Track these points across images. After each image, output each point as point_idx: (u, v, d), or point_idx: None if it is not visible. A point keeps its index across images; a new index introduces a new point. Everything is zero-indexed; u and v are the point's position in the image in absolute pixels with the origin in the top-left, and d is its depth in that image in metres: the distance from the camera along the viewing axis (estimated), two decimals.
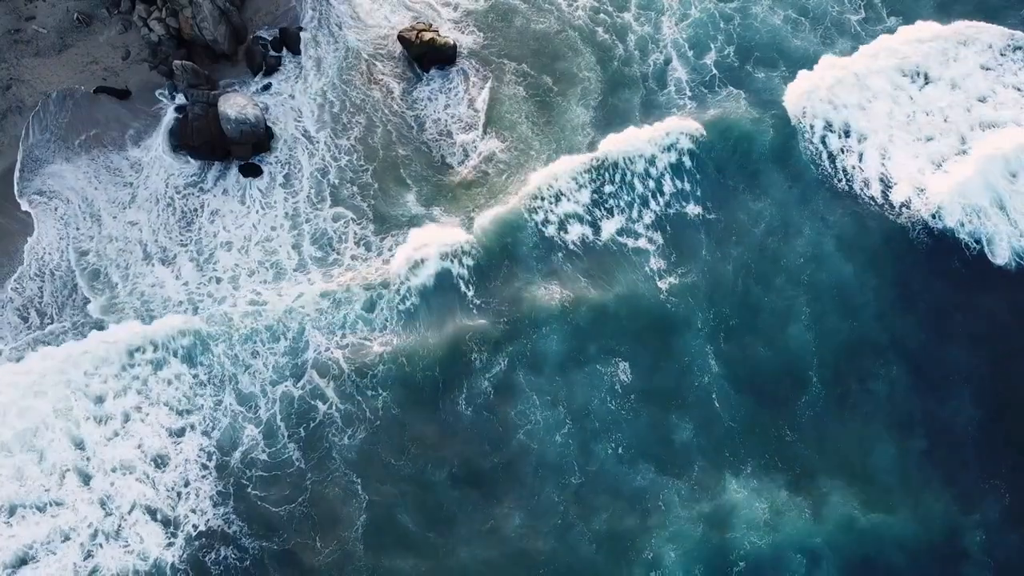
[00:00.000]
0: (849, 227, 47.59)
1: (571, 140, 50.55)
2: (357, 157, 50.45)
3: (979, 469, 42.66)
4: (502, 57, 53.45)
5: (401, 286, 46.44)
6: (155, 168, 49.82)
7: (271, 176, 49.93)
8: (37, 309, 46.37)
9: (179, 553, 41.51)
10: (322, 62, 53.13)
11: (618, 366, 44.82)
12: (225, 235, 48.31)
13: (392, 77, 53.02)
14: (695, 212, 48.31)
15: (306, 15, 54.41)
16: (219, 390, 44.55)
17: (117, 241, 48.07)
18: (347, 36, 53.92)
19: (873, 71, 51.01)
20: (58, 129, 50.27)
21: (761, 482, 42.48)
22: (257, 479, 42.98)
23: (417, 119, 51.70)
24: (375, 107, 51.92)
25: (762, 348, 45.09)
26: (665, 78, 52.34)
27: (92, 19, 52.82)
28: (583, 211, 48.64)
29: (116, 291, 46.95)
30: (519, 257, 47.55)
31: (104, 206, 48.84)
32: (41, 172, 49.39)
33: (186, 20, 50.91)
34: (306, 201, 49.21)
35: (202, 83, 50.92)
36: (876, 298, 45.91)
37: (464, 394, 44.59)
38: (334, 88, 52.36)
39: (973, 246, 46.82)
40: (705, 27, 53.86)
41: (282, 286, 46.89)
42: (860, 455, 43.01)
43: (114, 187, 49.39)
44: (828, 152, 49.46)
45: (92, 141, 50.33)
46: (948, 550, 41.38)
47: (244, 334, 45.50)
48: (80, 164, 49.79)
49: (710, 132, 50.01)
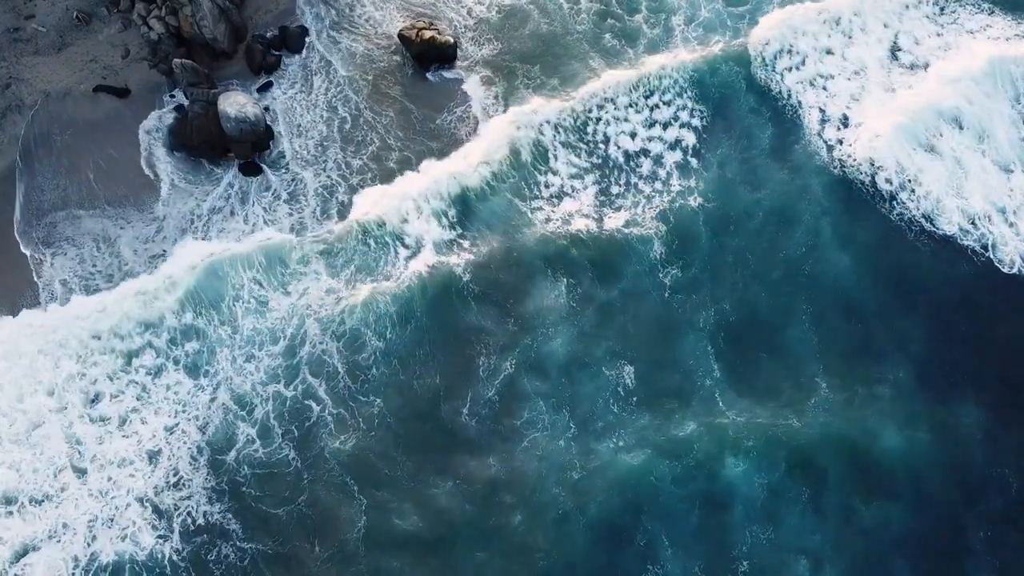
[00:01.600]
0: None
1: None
2: (360, 159, 50.44)
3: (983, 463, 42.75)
4: (513, 61, 53.37)
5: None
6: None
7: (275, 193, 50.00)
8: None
9: (176, 548, 41.50)
10: (322, 62, 53.01)
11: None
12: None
13: (393, 76, 52.93)
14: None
15: (306, 14, 54.31)
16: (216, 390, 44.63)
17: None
18: (347, 35, 53.80)
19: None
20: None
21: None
22: (253, 477, 42.94)
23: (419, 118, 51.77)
24: (375, 105, 51.85)
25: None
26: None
27: (91, 17, 52.69)
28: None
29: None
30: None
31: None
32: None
33: (186, 18, 50.79)
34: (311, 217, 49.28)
35: (202, 82, 50.77)
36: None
37: (465, 394, 44.47)
38: (333, 87, 52.27)
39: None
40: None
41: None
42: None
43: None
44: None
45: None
46: (951, 546, 41.36)
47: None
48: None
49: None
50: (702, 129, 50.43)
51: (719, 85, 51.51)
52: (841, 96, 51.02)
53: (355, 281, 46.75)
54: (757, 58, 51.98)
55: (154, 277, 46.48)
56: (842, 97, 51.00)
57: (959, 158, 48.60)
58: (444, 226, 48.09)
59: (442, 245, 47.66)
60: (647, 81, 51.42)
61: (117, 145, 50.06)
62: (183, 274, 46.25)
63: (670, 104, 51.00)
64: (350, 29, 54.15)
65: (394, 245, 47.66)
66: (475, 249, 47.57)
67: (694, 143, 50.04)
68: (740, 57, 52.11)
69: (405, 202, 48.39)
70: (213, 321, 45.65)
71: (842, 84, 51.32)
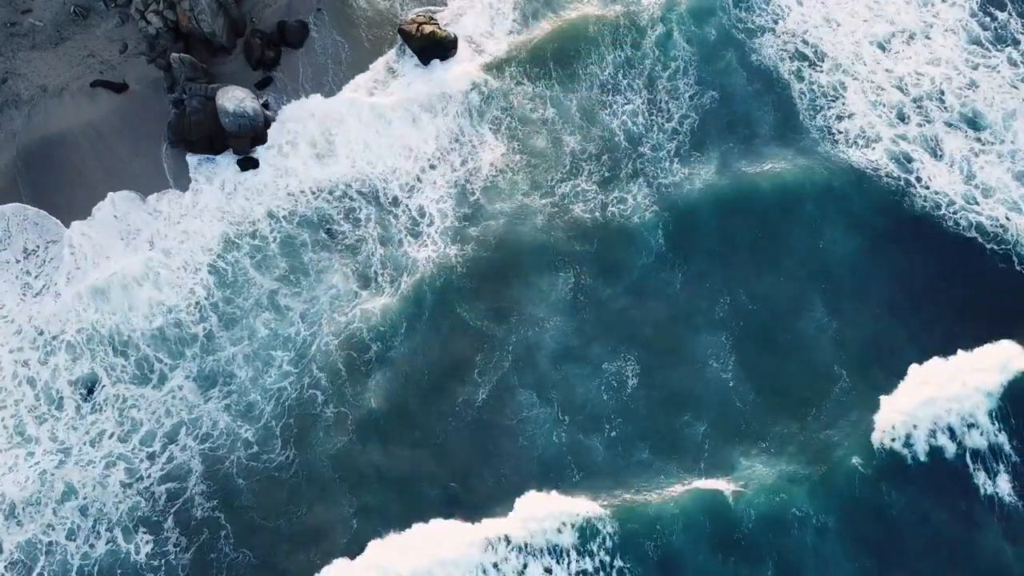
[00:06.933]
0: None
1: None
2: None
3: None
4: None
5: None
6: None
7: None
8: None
9: (174, 548, 41.33)
10: (320, 56, 52.58)
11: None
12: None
13: (392, 70, 52.53)
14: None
15: (305, 9, 53.85)
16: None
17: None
18: (347, 31, 53.36)
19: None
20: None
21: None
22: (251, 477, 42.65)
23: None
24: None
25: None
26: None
27: (89, 12, 52.29)
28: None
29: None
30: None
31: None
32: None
33: (184, 13, 50.36)
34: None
35: (200, 76, 50.37)
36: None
37: (466, 394, 44.18)
38: (331, 80, 51.86)
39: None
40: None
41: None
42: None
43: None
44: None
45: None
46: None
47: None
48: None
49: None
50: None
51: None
52: None
53: (357, 279, 46.66)
54: None
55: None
56: None
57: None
58: (446, 221, 47.87)
59: (446, 240, 47.37)
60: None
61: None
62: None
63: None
64: (350, 24, 53.61)
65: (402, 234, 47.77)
66: (477, 245, 47.22)
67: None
68: None
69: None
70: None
71: None
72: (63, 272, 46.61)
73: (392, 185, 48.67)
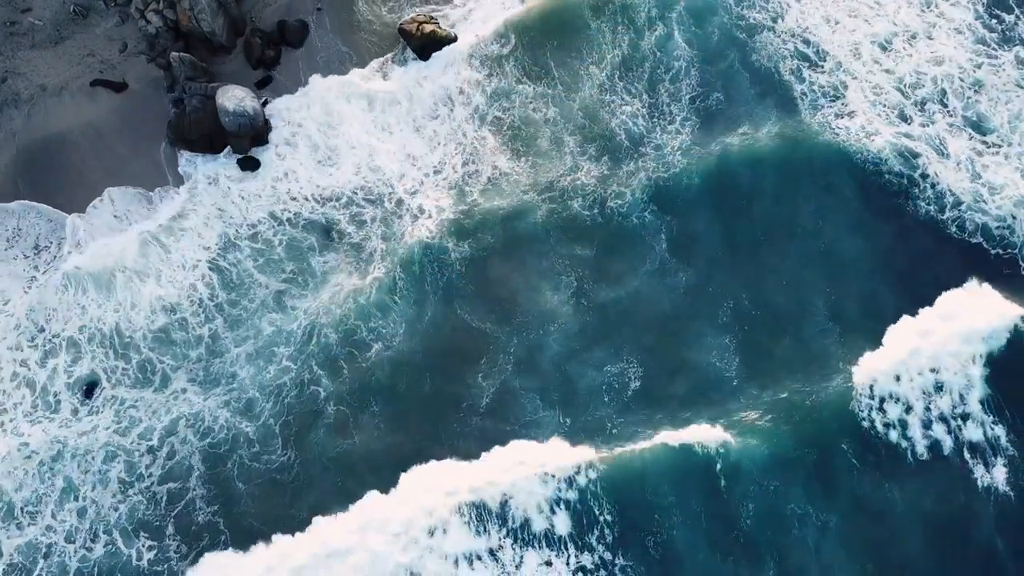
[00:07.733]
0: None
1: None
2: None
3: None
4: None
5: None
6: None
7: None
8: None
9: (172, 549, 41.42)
10: (320, 56, 52.44)
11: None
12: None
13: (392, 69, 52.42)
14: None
15: (305, 9, 53.68)
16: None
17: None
18: (348, 30, 53.20)
19: None
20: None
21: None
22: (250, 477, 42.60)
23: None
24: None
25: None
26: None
27: (89, 11, 52.14)
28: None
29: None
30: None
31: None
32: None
33: (184, 12, 50.22)
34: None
35: (200, 76, 50.25)
36: None
37: (466, 393, 44.15)
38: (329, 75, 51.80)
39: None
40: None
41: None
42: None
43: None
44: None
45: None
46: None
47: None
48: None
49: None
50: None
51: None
52: None
53: (356, 278, 46.59)
54: None
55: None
56: None
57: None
58: (446, 218, 47.74)
59: (446, 237, 47.26)
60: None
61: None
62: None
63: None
64: (350, 24, 53.44)
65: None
66: (478, 243, 47.13)
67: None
68: None
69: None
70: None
71: None
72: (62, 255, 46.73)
73: (393, 184, 48.55)
